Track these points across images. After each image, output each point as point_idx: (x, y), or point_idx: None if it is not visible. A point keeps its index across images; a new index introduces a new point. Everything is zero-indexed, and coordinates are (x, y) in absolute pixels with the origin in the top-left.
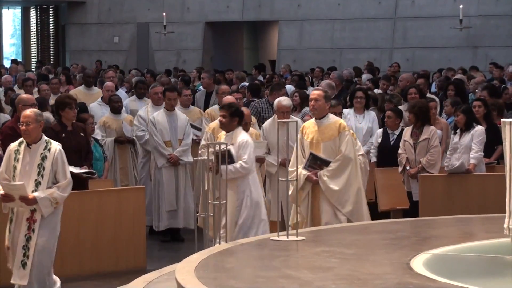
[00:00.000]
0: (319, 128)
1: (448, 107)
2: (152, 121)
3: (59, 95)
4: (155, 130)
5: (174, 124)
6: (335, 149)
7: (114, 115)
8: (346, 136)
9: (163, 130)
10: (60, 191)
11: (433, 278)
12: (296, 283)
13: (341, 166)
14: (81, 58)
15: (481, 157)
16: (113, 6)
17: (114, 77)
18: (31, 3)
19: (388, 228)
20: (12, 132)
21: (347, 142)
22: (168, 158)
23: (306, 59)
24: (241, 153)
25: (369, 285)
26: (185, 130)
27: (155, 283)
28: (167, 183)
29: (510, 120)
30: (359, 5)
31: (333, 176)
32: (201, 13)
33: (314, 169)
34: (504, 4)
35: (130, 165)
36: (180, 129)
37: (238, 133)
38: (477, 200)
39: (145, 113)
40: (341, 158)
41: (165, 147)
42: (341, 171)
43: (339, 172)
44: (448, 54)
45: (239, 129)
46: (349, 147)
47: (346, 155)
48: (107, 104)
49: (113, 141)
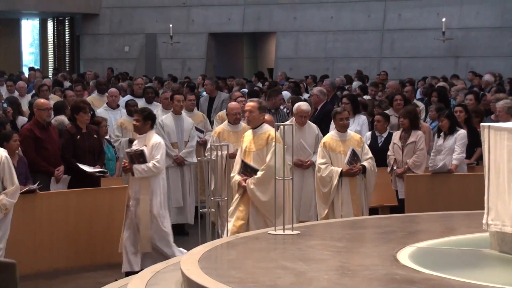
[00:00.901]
0: (253, 138)
1: (433, 112)
2: (161, 124)
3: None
4: (163, 132)
5: (181, 127)
6: (263, 159)
7: (130, 117)
8: (273, 147)
9: (170, 133)
10: (9, 197)
11: (418, 269)
12: (292, 273)
13: (266, 175)
14: (94, 65)
15: (463, 158)
16: (124, 18)
17: (142, 84)
18: (48, 15)
19: (377, 223)
20: (30, 134)
21: (273, 152)
22: (174, 158)
23: (301, 68)
24: (154, 154)
25: (358, 275)
26: (190, 132)
27: (161, 273)
28: (174, 182)
29: (489, 124)
30: (350, 18)
31: (259, 184)
32: (204, 25)
33: (245, 175)
34: (483, 18)
35: None
36: (186, 132)
37: (151, 135)
38: (458, 197)
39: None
40: (265, 168)
41: (172, 148)
42: (266, 181)
43: (265, 182)
44: (431, 63)
45: (151, 132)
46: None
47: (271, 165)
48: (113, 109)
49: (127, 141)
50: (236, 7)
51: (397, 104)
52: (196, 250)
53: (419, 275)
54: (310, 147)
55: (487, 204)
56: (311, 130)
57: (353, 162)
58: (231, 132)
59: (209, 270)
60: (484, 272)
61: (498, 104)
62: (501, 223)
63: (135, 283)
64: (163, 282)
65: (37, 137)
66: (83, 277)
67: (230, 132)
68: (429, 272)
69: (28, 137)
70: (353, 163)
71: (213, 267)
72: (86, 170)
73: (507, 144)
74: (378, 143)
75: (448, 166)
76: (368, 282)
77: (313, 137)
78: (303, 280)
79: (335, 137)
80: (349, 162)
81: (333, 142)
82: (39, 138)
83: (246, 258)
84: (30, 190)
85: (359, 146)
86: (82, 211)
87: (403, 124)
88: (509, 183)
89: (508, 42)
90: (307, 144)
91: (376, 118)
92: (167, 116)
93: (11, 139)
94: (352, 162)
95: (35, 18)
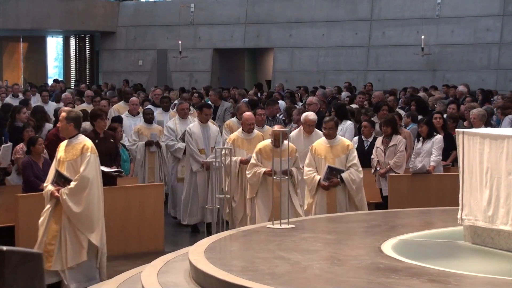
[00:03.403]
0: (66, 148)
1: (406, 119)
2: (189, 132)
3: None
4: (191, 140)
5: (207, 135)
6: (77, 169)
7: (146, 124)
8: (88, 157)
9: (197, 140)
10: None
11: (400, 259)
12: (288, 263)
13: (78, 186)
14: (111, 78)
15: (439, 160)
16: (138, 35)
17: (159, 94)
18: (71, 33)
19: (363, 218)
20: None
21: (87, 162)
22: (202, 163)
23: (296, 79)
24: None
25: (347, 264)
26: (216, 139)
27: (172, 263)
28: (201, 185)
29: (463, 130)
30: (340, 36)
31: (72, 195)
32: (210, 41)
33: (59, 185)
34: (458, 36)
35: (156, 165)
36: (212, 138)
37: None
38: (436, 195)
39: (174, 125)
40: (79, 178)
41: (199, 154)
42: (79, 191)
43: (78, 193)
44: (412, 76)
45: None
46: (89, 168)
47: (84, 175)
48: (133, 116)
49: (144, 145)
50: (238, 26)
51: (383, 114)
52: (202, 241)
53: (401, 264)
54: None
55: (461, 201)
56: (318, 138)
57: (331, 177)
58: (245, 139)
59: (214, 260)
60: (459, 262)
61: (473, 112)
62: (473, 218)
63: (149, 270)
64: (174, 270)
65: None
66: None
67: (244, 140)
68: (410, 262)
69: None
70: (331, 178)
71: (217, 257)
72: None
73: (479, 148)
74: (365, 147)
75: (427, 167)
76: (356, 270)
77: None
78: (298, 269)
79: (324, 143)
80: (326, 178)
81: (321, 147)
82: None
83: (247, 249)
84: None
85: (344, 153)
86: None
87: (386, 132)
88: (481, 182)
89: (479, 57)
90: None
91: (364, 124)
92: (194, 125)
93: (37, 143)
94: (330, 178)
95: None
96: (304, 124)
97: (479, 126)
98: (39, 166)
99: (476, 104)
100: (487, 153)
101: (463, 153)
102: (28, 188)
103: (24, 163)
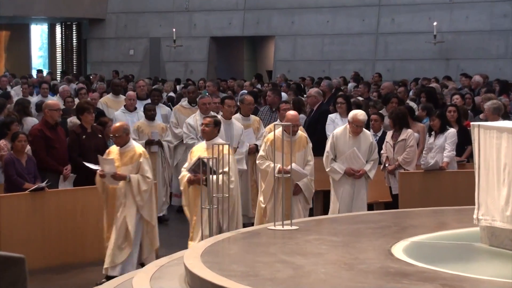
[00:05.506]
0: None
1: (419, 111)
2: None
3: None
4: None
5: (230, 133)
6: None
7: (148, 121)
8: None
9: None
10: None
11: (411, 262)
12: (290, 267)
13: None
14: (100, 68)
15: (453, 156)
16: (129, 22)
17: (144, 86)
18: (56, 20)
19: (372, 219)
20: (40, 134)
21: None
22: None
23: (299, 70)
24: None
25: (354, 269)
26: (239, 139)
27: (166, 267)
28: None
29: (479, 124)
30: (346, 22)
31: None
32: (206, 29)
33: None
34: (473, 22)
35: (158, 166)
36: (235, 138)
37: None
38: (449, 194)
39: (194, 121)
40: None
41: None
42: None
43: None
44: (423, 65)
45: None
46: None
47: None
48: (130, 111)
49: (144, 144)
50: (237, 12)
51: (392, 106)
52: (198, 244)
53: (413, 268)
54: (363, 156)
55: (477, 199)
56: (365, 138)
57: (197, 170)
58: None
59: (211, 264)
60: (475, 265)
61: (486, 105)
62: (490, 218)
63: (141, 276)
64: (168, 275)
65: (47, 137)
66: (91, 270)
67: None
68: (422, 265)
69: (39, 137)
70: (197, 171)
71: (215, 261)
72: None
73: (496, 142)
74: None
75: (440, 164)
76: (364, 275)
77: (367, 146)
78: (302, 274)
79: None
80: (193, 170)
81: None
82: (49, 138)
83: (247, 252)
84: (39, 188)
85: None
86: (88, 208)
87: (390, 124)
88: (498, 180)
89: (496, 45)
90: (361, 153)
91: (373, 117)
92: None
93: (16, 139)
94: (196, 171)
95: (44, 23)
96: (352, 123)
97: (494, 120)
98: (22, 164)
99: (493, 95)
100: (504, 148)
101: (479, 148)
102: (10, 187)
103: (6, 160)
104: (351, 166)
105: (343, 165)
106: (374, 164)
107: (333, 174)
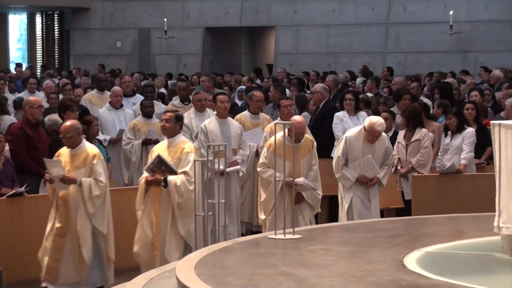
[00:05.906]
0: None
1: (435, 109)
2: (204, 130)
3: (62, 98)
4: (207, 140)
5: (227, 133)
6: None
7: (145, 119)
8: None
9: (215, 139)
10: None
11: (426, 275)
12: (293, 280)
13: None
14: (84, 62)
15: (471, 157)
16: (116, 12)
17: (130, 81)
18: (36, 9)
19: (382, 227)
20: (21, 132)
21: None
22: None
23: (302, 63)
24: None
25: (363, 282)
26: (240, 139)
27: (156, 280)
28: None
29: (500, 122)
30: (353, 11)
31: None
32: (200, 18)
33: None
34: (493, 10)
35: None
36: (233, 138)
37: None
38: (467, 199)
39: (188, 120)
40: None
41: None
42: None
43: None
44: (438, 59)
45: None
46: None
47: None
48: (116, 109)
49: (140, 144)
50: (234, 0)
51: (404, 103)
52: (192, 255)
53: (427, 281)
54: (378, 162)
55: (498, 206)
56: (381, 143)
57: (156, 170)
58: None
59: (206, 277)
60: (495, 278)
61: (507, 101)
62: None
63: None
64: None
65: (28, 136)
66: None
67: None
68: (438, 278)
69: (20, 136)
70: (156, 171)
71: (210, 273)
72: None
73: None
74: None
75: (457, 166)
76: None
77: (382, 151)
78: (305, 287)
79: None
80: (150, 169)
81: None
82: (30, 137)
83: (245, 263)
84: (17, 193)
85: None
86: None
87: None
88: None
89: None
90: (376, 158)
91: (384, 115)
92: (211, 121)
93: None
94: (155, 170)
95: (23, 12)
96: (368, 132)
97: None
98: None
99: None
100: None
101: (499, 149)
102: None
103: None
104: (364, 173)
105: (355, 172)
106: (388, 170)
107: (344, 181)
